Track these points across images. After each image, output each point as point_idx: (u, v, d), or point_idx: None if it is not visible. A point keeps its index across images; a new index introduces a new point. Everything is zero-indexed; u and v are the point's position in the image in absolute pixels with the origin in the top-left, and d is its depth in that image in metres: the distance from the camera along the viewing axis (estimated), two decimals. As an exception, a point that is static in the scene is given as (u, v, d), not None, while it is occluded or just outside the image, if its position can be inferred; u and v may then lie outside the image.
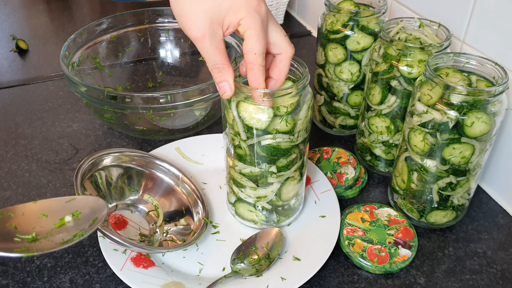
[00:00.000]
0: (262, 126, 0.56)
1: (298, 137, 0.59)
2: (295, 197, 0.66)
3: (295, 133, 0.58)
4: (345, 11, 0.75)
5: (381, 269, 0.62)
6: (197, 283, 0.60)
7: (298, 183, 0.64)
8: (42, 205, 0.53)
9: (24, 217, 0.51)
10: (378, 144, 0.77)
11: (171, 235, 0.66)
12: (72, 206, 0.54)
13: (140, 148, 0.84)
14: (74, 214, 0.53)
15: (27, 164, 0.81)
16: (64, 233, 0.50)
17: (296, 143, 0.59)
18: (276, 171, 0.60)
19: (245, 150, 0.59)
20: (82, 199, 0.56)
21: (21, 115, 0.93)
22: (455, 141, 0.60)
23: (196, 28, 0.51)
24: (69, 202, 0.54)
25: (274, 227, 0.66)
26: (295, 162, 0.61)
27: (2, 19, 1.33)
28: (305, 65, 0.59)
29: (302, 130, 0.59)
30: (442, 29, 0.69)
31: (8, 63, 1.11)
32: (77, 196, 0.56)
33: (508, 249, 0.67)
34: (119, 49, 0.97)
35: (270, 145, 0.58)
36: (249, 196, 0.64)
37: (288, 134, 0.57)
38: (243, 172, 0.61)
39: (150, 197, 0.70)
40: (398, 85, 0.69)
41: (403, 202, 0.70)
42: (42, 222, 0.51)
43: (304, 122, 0.58)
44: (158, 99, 0.73)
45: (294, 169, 0.62)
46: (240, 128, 0.57)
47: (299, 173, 0.63)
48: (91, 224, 0.52)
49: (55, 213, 0.52)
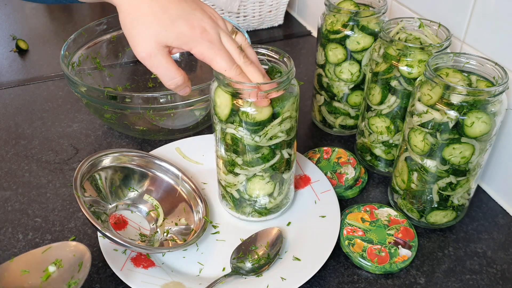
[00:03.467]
0: (222, 117, 0.58)
1: (268, 139, 0.58)
2: (269, 197, 0.65)
3: (264, 134, 0.58)
4: (345, 11, 0.75)
5: (381, 269, 0.62)
6: (197, 283, 0.60)
7: (269, 185, 0.64)
8: (20, 261, 0.52)
9: (8, 278, 0.50)
10: (378, 144, 0.77)
11: (171, 235, 0.66)
12: (50, 256, 0.53)
13: (140, 148, 0.84)
14: (56, 263, 0.52)
15: (27, 164, 0.81)
16: (54, 285, 0.49)
17: (264, 144, 0.59)
18: (241, 163, 0.61)
19: (216, 133, 0.61)
20: (57, 246, 0.54)
21: (21, 115, 0.93)
22: (455, 141, 0.60)
23: (142, 49, 0.54)
24: (46, 252, 0.53)
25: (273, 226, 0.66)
26: (265, 161, 0.61)
27: (2, 19, 1.33)
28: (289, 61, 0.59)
29: (276, 136, 0.59)
30: (442, 29, 0.69)
31: (8, 63, 1.11)
32: (52, 244, 0.54)
33: (508, 249, 0.67)
34: (119, 49, 0.97)
35: (233, 135, 0.59)
36: (222, 179, 0.66)
37: (251, 132, 0.58)
38: (217, 154, 0.63)
39: (150, 197, 0.70)
40: (398, 85, 0.69)
41: (403, 202, 0.70)
42: (27, 278, 0.50)
43: (277, 128, 0.58)
44: (158, 99, 0.73)
45: (262, 167, 0.61)
46: (211, 111, 0.60)
47: (272, 175, 0.63)
48: (78, 270, 0.51)
49: (35, 266, 0.51)
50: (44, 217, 0.71)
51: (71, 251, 0.53)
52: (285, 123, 0.58)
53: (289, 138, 0.61)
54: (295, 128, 0.62)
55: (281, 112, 0.57)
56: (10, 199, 0.74)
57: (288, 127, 0.59)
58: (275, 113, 0.57)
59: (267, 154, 0.60)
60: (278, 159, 0.62)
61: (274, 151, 0.60)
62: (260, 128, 0.57)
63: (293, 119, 0.60)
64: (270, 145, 0.59)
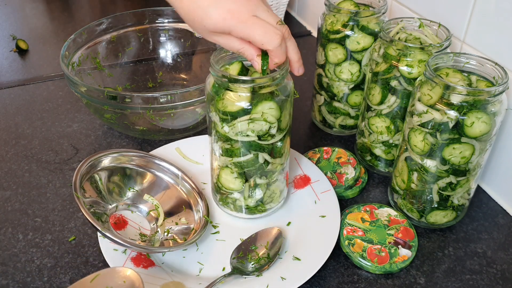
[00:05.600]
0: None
1: (236, 133, 0.59)
2: (240, 194, 0.66)
3: (231, 126, 0.58)
4: (345, 11, 0.75)
5: (381, 269, 0.62)
6: (197, 283, 0.60)
7: (238, 181, 0.64)
8: None
9: None
10: (378, 144, 0.77)
11: (172, 234, 0.66)
12: (100, 285, 0.51)
13: (140, 148, 0.84)
14: None
15: (27, 164, 0.81)
16: None
17: (231, 136, 0.59)
18: (217, 150, 0.63)
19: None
20: (105, 273, 0.52)
21: (21, 115, 0.93)
22: (455, 141, 0.60)
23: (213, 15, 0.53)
24: (95, 281, 0.51)
25: (274, 226, 0.66)
26: (233, 154, 0.61)
27: (2, 19, 1.33)
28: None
29: (244, 133, 0.59)
30: (442, 29, 0.69)
31: (8, 63, 1.11)
32: (99, 272, 0.52)
33: (508, 249, 0.67)
34: (119, 49, 0.97)
35: (214, 121, 0.61)
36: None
37: (221, 120, 0.59)
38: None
39: (150, 197, 0.70)
40: (398, 85, 0.69)
41: (403, 202, 0.70)
42: None
43: (244, 124, 0.58)
44: (158, 99, 0.73)
45: (229, 160, 0.62)
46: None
47: (241, 173, 0.63)
48: None
49: None
50: (44, 217, 0.71)
51: (120, 277, 0.52)
52: (257, 124, 0.58)
53: (265, 143, 0.60)
54: (279, 136, 0.61)
55: (251, 111, 0.57)
56: (10, 199, 0.74)
57: (259, 129, 0.58)
58: (246, 110, 0.57)
59: (236, 149, 0.61)
60: (249, 160, 0.61)
61: (246, 149, 0.61)
62: (229, 119, 0.58)
63: (272, 124, 0.58)
64: (240, 141, 0.60)
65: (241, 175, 0.63)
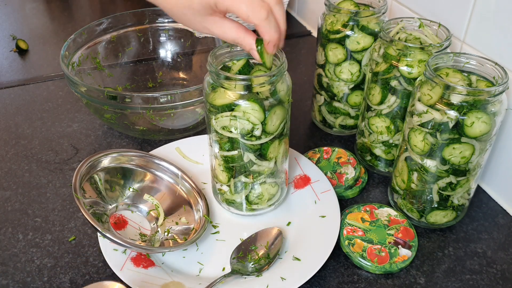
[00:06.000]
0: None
1: (220, 126, 0.59)
2: (227, 187, 0.66)
3: (216, 119, 0.59)
4: (345, 11, 0.75)
5: (381, 269, 0.62)
6: (197, 283, 0.60)
7: (224, 174, 0.65)
8: None
9: None
10: (378, 144, 0.77)
11: (172, 234, 0.66)
12: None
13: (140, 148, 0.84)
14: None
15: (27, 164, 0.81)
16: None
17: (217, 129, 0.60)
18: (212, 141, 0.64)
19: None
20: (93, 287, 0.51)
21: (21, 115, 0.93)
22: (455, 141, 0.60)
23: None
24: None
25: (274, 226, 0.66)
26: (219, 147, 0.62)
27: (2, 19, 1.33)
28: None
29: (227, 128, 0.59)
30: (442, 29, 0.69)
31: (8, 63, 1.11)
32: (87, 286, 0.51)
33: (508, 249, 0.67)
34: (119, 49, 0.97)
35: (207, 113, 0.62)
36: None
37: (209, 111, 0.60)
38: None
39: (150, 197, 0.70)
40: (398, 85, 0.69)
41: (403, 202, 0.70)
42: None
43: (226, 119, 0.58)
44: (158, 99, 0.73)
45: (217, 151, 0.63)
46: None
47: (227, 167, 0.64)
48: None
49: None
50: (44, 217, 0.71)
51: None
52: (240, 122, 0.58)
53: (248, 142, 0.60)
54: (265, 139, 0.60)
55: (235, 108, 0.57)
56: (10, 199, 0.74)
57: (241, 128, 0.58)
58: (230, 106, 0.58)
59: (223, 143, 0.61)
60: (233, 156, 0.62)
61: (231, 144, 0.61)
62: (215, 112, 0.59)
63: (255, 125, 0.58)
64: (226, 135, 0.60)
65: (228, 170, 0.64)
